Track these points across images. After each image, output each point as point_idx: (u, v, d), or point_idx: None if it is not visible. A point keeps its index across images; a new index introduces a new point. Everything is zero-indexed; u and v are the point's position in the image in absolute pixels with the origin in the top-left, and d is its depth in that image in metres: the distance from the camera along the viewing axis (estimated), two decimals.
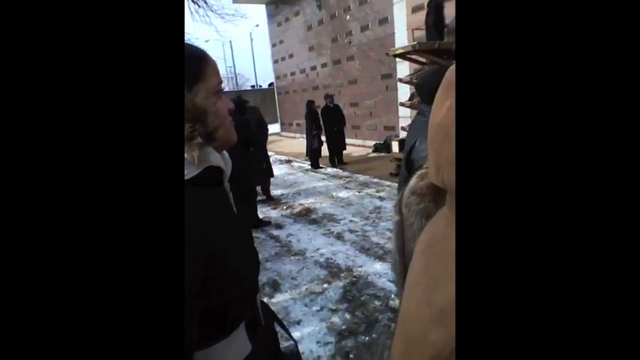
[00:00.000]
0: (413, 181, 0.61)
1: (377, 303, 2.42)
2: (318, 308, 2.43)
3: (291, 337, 0.81)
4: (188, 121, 0.54)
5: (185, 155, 0.52)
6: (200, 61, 0.58)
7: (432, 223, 0.50)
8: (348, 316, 2.32)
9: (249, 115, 4.08)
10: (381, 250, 3.19)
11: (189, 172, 0.53)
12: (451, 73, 0.42)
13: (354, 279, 2.77)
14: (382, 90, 8.65)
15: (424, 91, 1.46)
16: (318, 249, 3.38)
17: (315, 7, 10.61)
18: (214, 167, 0.58)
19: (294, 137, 13.03)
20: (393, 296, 2.47)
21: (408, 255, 0.61)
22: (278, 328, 0.79)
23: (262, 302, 0.77)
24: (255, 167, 4.07)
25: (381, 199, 4.72)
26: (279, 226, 4.07)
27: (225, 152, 0.65)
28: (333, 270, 2.95)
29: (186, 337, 0.48)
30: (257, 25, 21.09)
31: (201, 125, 0.55)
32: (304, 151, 7.64)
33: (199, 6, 12.59)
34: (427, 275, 0.42)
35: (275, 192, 5.39)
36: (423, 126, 1.47)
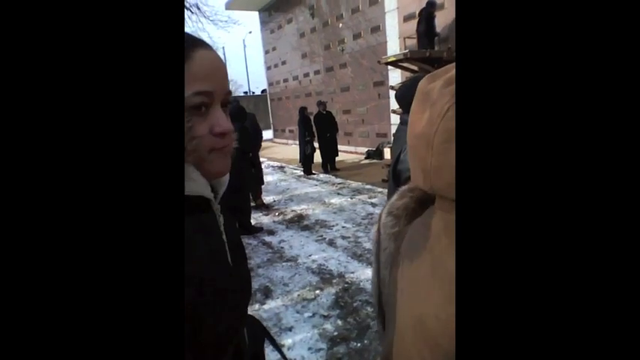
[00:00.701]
0: (393, 198, 0.59)
1: (369, 309, 2.42)
2: (310, 314, 2.42)
3: (284, 356, 0.73)
4: None
5: None
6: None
7: (419, 226, 0.50)
8: (340, 322, 2.31)
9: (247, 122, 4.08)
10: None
11: None
12: (423, 84, 0.43)
13: (346, 285, 2.76)
14: (374, 97, 8.72)
15: (404, 102, 1.48)
16: (310, 255, 3.37)
17: (308, 15, 10.70)
18: (193, 195, 0.48)
19: (286, 144, 13.04)
20: None
21: (382, 280, 0.60)
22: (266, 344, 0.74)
23: (253, 319, 0.70)
24: (251, 174, 4.06)
25: (373, 205, 4.74)
26: (271, 233, 4.06)
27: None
28: (325, 276, 2.94)
29: None
30: (250, 32, 21.18)
31: None
32: (297, 157, 7.64)
33: (192, 12, 12.61)
34: (438, 274, 0.42)
35: (267, 198, 5.37)
36: (406, 135, 1.47)
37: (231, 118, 0.53)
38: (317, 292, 2.71)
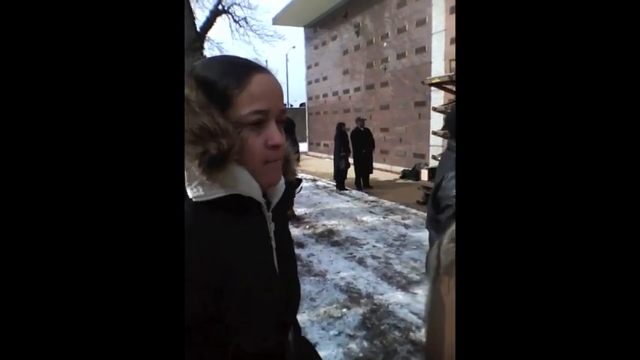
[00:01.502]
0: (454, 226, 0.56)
1: (397, 334, 2.33)
2: (336, 333, 2.36)
3: None
4: (190, 141, 0.47)
5: (204, 178, 0.48)
6: (229, 81, 0.50)
7: None
8: (366, 344, 2.24)
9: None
10: (404, 280, 3.09)
11: (207, 195, 0.50)
12: None
13: (374, 306, 2.68)
14: (414, 117, 8.63)
15: (453, 126, 1.42)
16: (338, 272, 3.31)
17: (353, 33, 10.85)
18: (244, 196, 0.52)
19: (320, 157, 13.12)
20: (414, 328, 2.37)
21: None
22: None
23: (305, 340, 0.70)
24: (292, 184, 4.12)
25: (406, 226, 4.62)
26: (300, 245, 4.04)
27: (280, 183, 0.60)
28: (353, 295, 2.87)
29: None
30: (294, 47, 21.75)
31: (205, 148, 0.47)
32: (330, 171, 7.65)
33: (240, 25, 13.17)
34: None
35: (299, 210, 5.38)
36: (451, 162, 1.43)
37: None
38: (344, 310, 2.64)
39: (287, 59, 28.73)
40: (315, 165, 11.06)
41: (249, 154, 0.52)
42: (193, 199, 0.49)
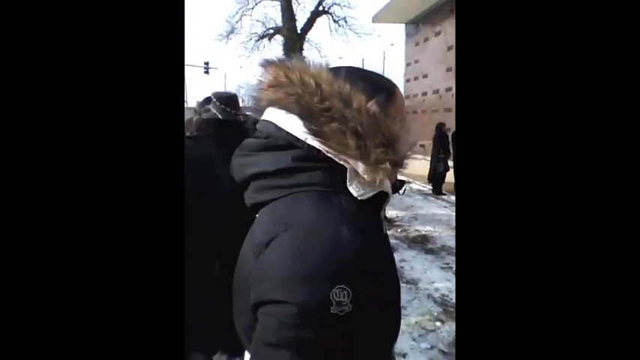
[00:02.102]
0: None
1: None
2: (428, 346, 2.25)
3: None
4: (382, 144, 0.52)
5: (371, 176, 0.52)
6: (385, 94, 0.58)
7: None
8: None
9: None
10: None
11: (366, 193, 0.53)
12: None
13: None
14: None
15: None
16: (432, 282, 3.15)
17: None
18: (384, 193, 0.57)
19: (415, 158, 12.67)
20: None
21: None
22: None
23: None
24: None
25: None
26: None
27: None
28: (448, 309, 2.71)
29: None
30: (392, 45, 21.34)
31: (393, 151, 0.53)
32: (425, 173, 7.32)
33: (340, 25, 13.41)
34: None
35: (390, 212, 5.27)
36: None
37: None
38: (437, 323, 2.50)
39: (384, 57, 28.32)
40: (410, 166, 10.70)
41: None
42: (359, 198, 0.53)
